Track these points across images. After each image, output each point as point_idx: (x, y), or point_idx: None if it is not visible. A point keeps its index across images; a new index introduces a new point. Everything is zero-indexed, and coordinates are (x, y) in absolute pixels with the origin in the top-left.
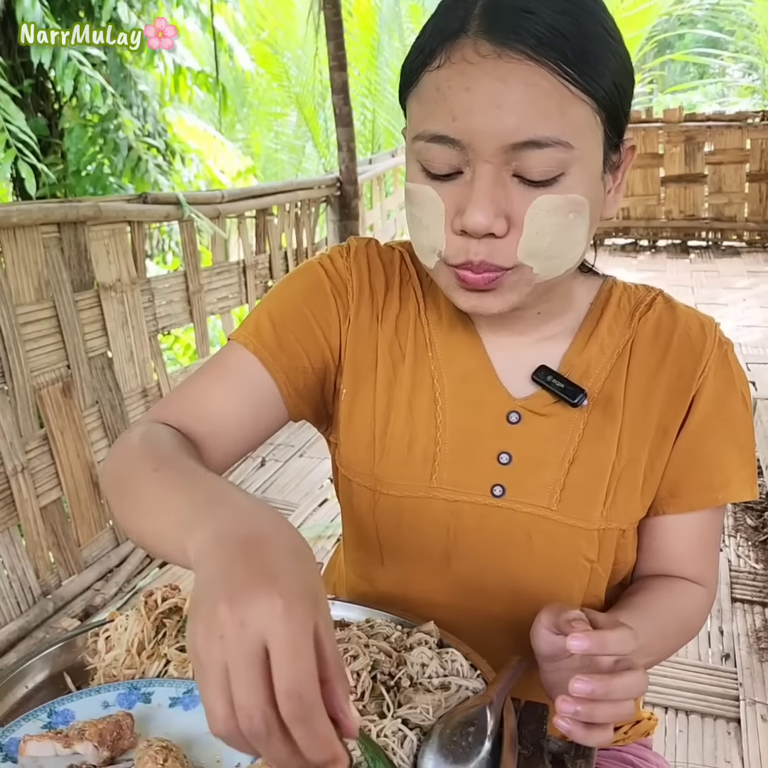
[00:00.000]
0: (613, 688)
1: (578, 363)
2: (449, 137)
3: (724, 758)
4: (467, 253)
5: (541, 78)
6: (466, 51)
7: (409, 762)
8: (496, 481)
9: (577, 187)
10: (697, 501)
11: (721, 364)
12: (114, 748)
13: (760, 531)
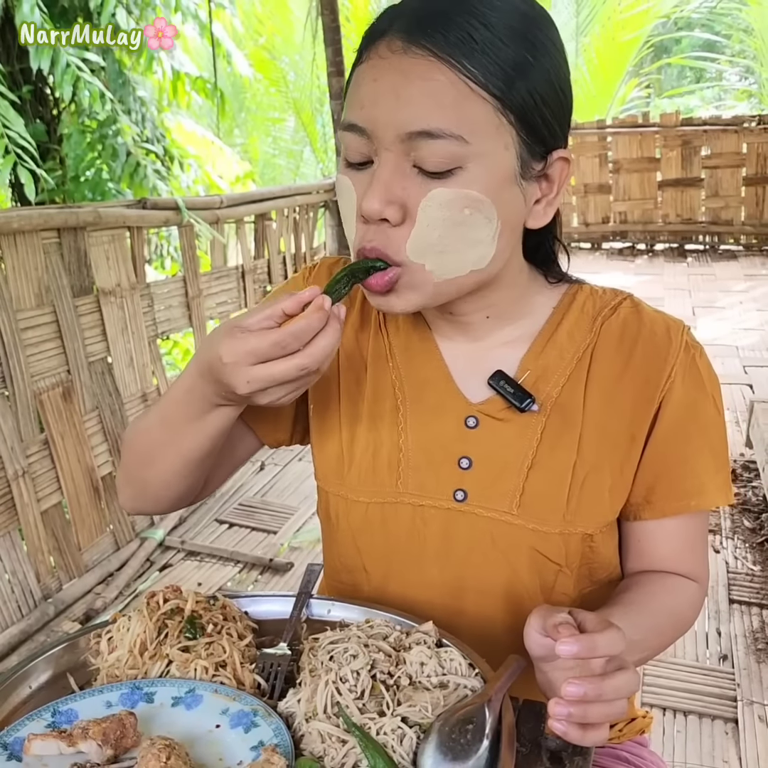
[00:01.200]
0: (605, 690)
1: (534, 368)
2: (358, 125)
3: (721, 758)
4: (362, 239)
5: (440, 73)
6: (381, 48)
7: (408, 759)
8: (458, 486)
9: (476, 184)
10: (671, 508)
11: (689, 368)
12: (117, 746)
13: (758, 533)
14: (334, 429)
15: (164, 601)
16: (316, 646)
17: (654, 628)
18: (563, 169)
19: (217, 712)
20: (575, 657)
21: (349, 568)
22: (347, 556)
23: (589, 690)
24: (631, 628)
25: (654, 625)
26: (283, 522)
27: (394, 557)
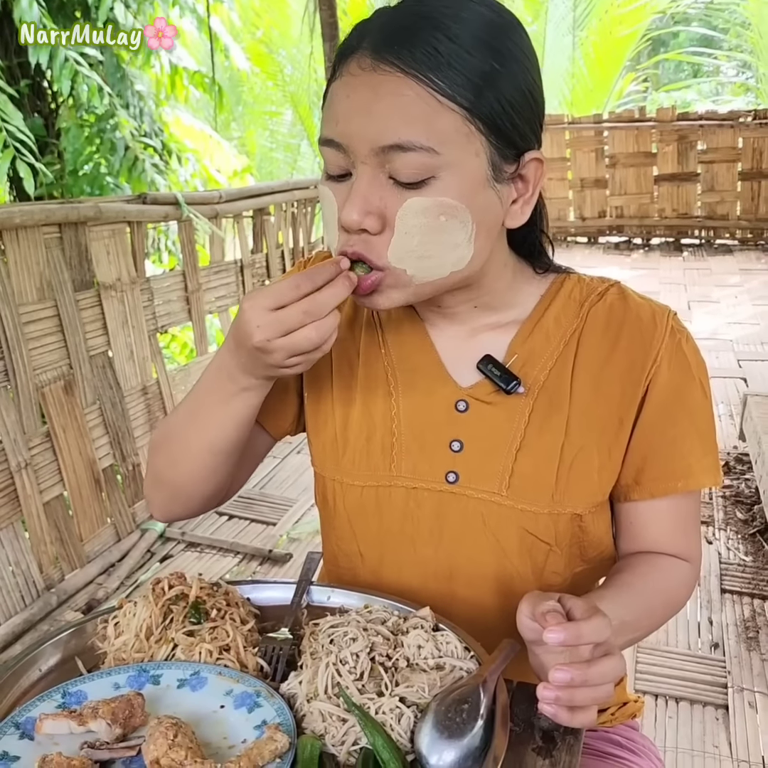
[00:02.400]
0: (591, 675)
1: (521, 352)
2: (334, 141)
3: (712, 743)
4: (344, 245)
5: (408, 88)
6: (352, 65)
7: (406, 737)
8: (450, 468)
9: (449, 191)
10: (658, 489)
11: (675, 352)
12: (126, 725)
13: (750, 524)
14: (328, 415)
15: (169, 587)
16: (317, 630)
17: (646, 608)
18: (537, 169)
19: (221, 693)
20: (562, 644)
21: (345, 552)
22: (343, 540)
23: (576, 676)
24: (623, 609)
25: (646, 606)
26: (282, 514)
27: (388, 540)
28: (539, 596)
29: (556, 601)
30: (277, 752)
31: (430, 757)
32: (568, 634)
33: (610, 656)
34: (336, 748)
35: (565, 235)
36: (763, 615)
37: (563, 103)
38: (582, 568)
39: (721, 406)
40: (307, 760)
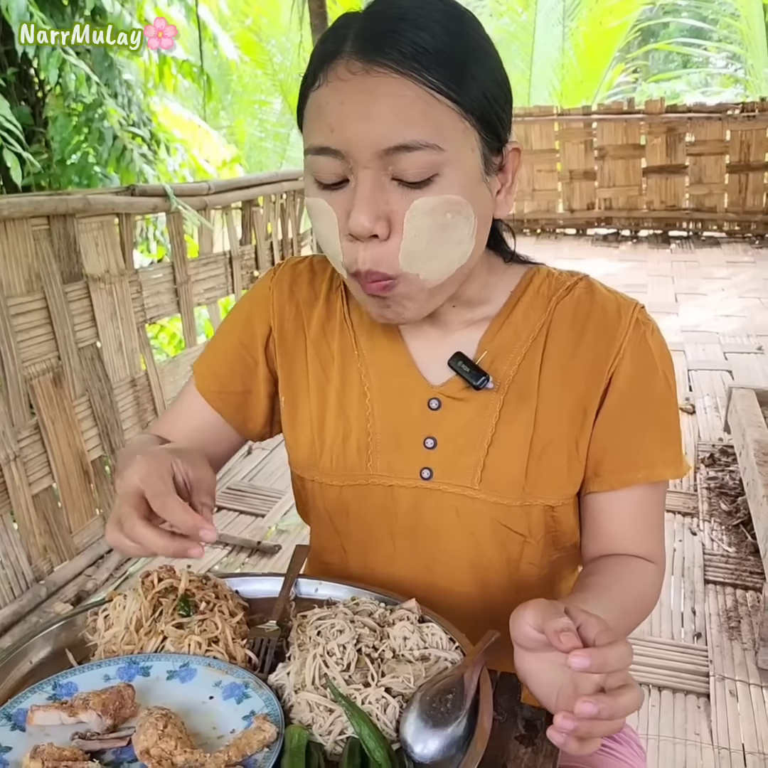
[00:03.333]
0: (617, 710)
1: (491, 348)
2: (330, 148)
3: (693, 731)
4: (356, 261)
5: (405, 88)
6: (340, 70)
7: (391, 726)
8: (424, 465)
9: (453, 187)
10: (617, 480)
11: (639, 345)
12: (116, 716)
13: (734, 516)
14: (305, 418)
15: (159, 580)
16: (305, 622)
17: (623, 611)
18: (515, 157)
19: (210, 685)
20: (585, 671)
21: (329, 548)
22: (327, 537)
23: (603, 710)
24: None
25: (623, 609)
26: (271, 505)
27: (369, 536)
28: (547, 608)
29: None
30: (265, 742)
31: (415, 745)
32: (594, 662)
33: (631, 687)
34: (323, 738)
35: (554, 227)
36: (745, 605)
37: (553, 94)
38: (557, 556)
39: (706, 399)
40: (294, 749)
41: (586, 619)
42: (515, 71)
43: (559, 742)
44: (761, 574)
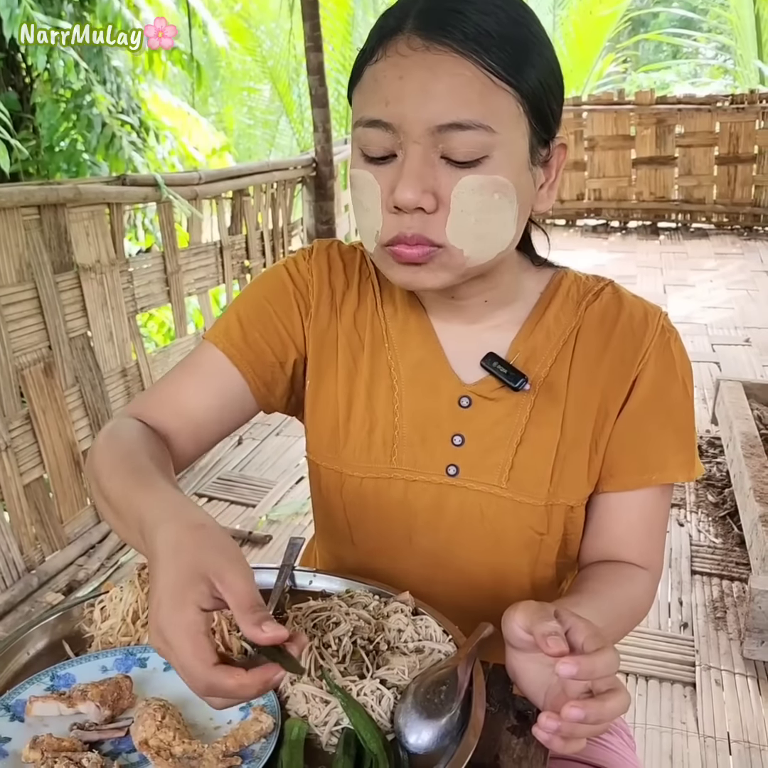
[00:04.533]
0: (604, 715)
1: (524, 349)
2: (383, 121)
3: (680, 720)
4: (400, 226)
5: (464, 68)
6: (400, 45)
7: (386, 718)
8: (451, 462)
9: (501, 170)
10: (631, 481)
11: (663, 351)
12: (114, 707)
13: (720, 507)
14: (330, 405)
15: None
16: (300, 614)
17: (616, 616)
18: (561, 154)
19: None
20: (573, 678)
21: (336, 539)
22: (336, 528)
23: (590, 715)
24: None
25: (617, 613)
26: (262, 496)
27: (383, 530)
28: (537, 611)
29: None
30: (262, 733)
31: (410, 736)
32: (581, 669)
33: (618, 691)
34: (319, 729)
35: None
36: (731, 595)
37: None
38: (563, 561)
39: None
40: (294, 741)
41: (575, 623)
42: None
43: (543, 740)
44: (747, 565)
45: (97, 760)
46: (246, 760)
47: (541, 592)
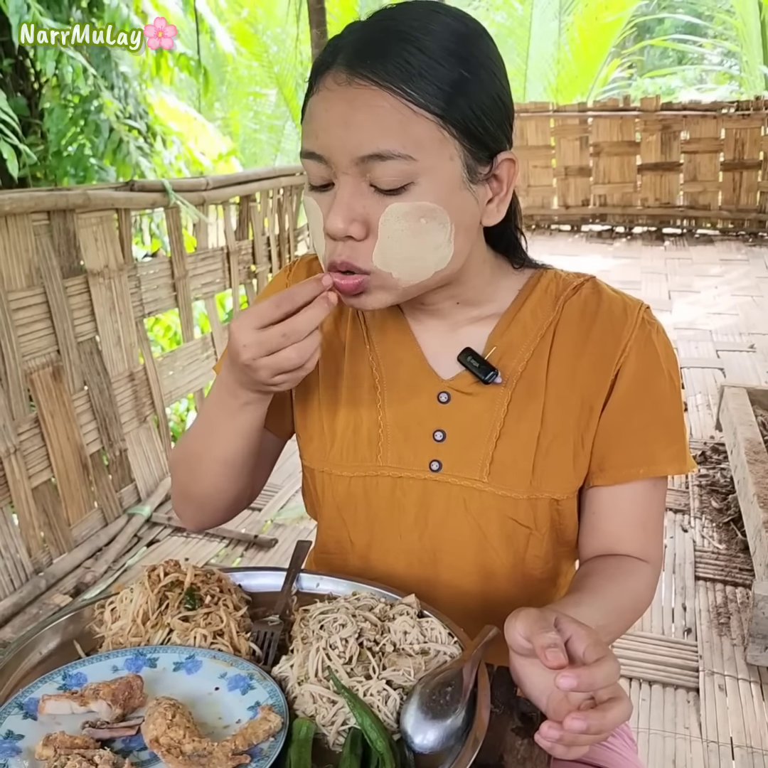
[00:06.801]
0: (606, 725)
1: (500, 344)
2: (315, 153)
3: (683, 725)
4: (333, 253)
5: (382, 100)
6: (328, 80)
7: (392, 718)
8: (433, 457)
9: (427, 195)
10: (621, 475)
11: (645, 344)
12: (126, 706)
13: (724, 513)
14: (315, 410)
15: (165, 574)
16: (307, 616)
17: (618, 611)
18: (510, 168)
19: (215, 676)
20: (573, 690)
21: (335, 539)
22: (334, 528)
23: (592, 726)
24: (598, 613)
25: (618, 609)
26: (268, 499)
27: (376, 527)
28: (537, 621)
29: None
30: (270, 732)
31: (415, 736)
32: (581, 682)
33: (620, 700)
34: (326, 729)
35: (549, 222)
36: (734, 601)
37: (548, 89)
38: (562, 550)
39: (698, 396)
40: (302, 740)
41: (575, 632)
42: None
43: (546, 747)
44: (751, 571)
45: (109, 758)
46: (254, 758)
47: (534, 587)
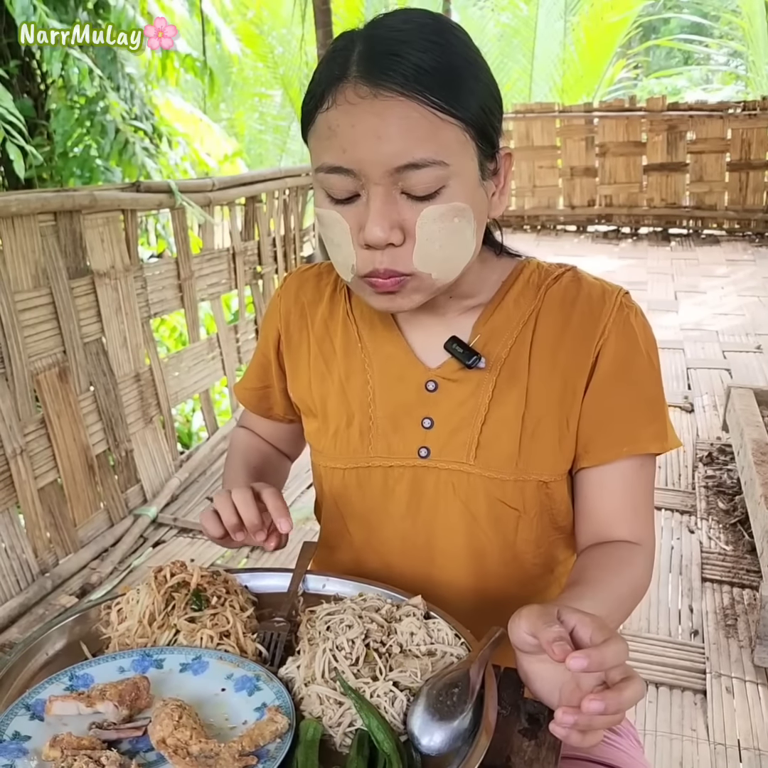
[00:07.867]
0: (623, 704)
1: (484, 332)
2: (343, 167)
3: (690, 727)
4: (373, 263)
5: (411, 110)
6: (348, 93)
7: (399, 719)
8: (422, 444)
9: (458, 196)
10: (605, 454)
11: (623, 326)
12: (132, 707)
13: (731, 514)
14: (309, 408)
15: (171, 575)
16: (314, 617)
17: (617, 600)
18: (506, 160)
19: (222, 677)
20: (585, 671)
21: (334, 532)
22: (333, 521)
23: (610, 706)
24: (600, 605)
25: (617, 598)
26: None
27: (371, 518)
28: (540, 616)
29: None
30: (277, 733)
31: (422, 738)
32: (592, 661)
33: (633, 679)
34: (333, 730)
35: (554, 223)
36: (741, 603)
37: (554, 89)
38: (555, 537)
39: (705, 397)
40: (308, 741)
41: (579, 619)
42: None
43: (561, 735)
44: (758, 573)
45: (115, 758)
46: (261, 759)
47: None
